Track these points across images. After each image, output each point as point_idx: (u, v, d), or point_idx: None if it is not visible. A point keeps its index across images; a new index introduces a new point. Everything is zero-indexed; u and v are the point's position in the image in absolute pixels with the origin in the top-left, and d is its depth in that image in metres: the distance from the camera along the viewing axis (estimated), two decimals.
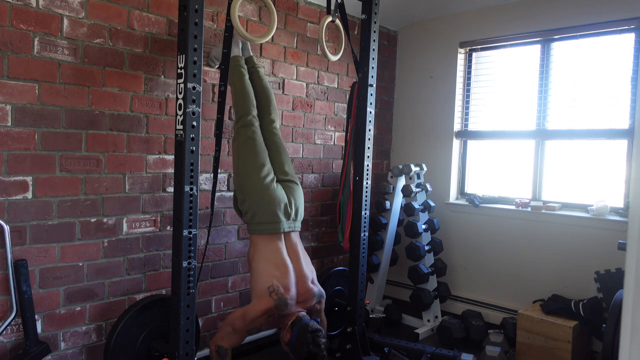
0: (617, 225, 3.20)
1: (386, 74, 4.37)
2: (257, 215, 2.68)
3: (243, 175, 2.71)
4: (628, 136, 3.28)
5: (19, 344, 2.33)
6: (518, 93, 3.82)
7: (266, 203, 2.68)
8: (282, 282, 2.61)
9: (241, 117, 2.80)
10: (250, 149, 2.74)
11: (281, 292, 2.58)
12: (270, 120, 2.94)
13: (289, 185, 2.82)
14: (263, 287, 2.60)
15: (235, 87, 2.83)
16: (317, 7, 3.60)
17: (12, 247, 2.26)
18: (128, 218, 2.69)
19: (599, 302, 3.13)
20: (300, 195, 2.86)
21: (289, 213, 2.75)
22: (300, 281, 2.70)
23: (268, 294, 2.58)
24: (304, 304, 2.71)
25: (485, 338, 3.39)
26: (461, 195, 4.19)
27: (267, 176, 2.72)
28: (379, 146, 4.39)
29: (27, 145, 2.31)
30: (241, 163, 2.73)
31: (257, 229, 2.70)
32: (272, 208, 2.68)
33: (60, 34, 2.38)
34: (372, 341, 3.16)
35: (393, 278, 4.36)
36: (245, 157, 2.73)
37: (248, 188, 2.69)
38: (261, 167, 2.72)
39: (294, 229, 2.79)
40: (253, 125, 2.80)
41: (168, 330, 2.43)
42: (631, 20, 3.21)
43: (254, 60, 3.03)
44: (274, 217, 2.69)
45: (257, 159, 2.73)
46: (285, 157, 2.91)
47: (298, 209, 2.81)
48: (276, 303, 2.56)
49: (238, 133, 2.79)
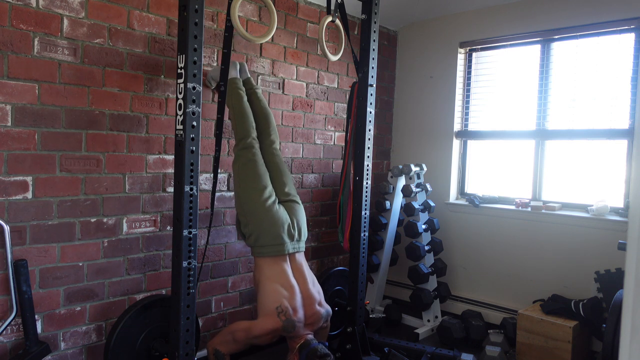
0: (617, 225, 3.20)
1: (386, 74, 4.37)
2: (260, 238, 2.67)
3: (245, 199, 2.71)
4: (628, 136, 3.28)
5: (19, 344, 2.33)
6: (518, 93, 3.82)
7: (269, 225, 2.66)
8: (291, 303, 2.59)
9: (241, 139, 2.80)
10: (251, 171, 2.74)
11: (290, 313, 2.56)
12: (270, 142, 2.95)
13: (290, 205, 2.82)
14: (271, 306, 2.57)
15: (234, 110, 2.83)
16: (317, 7, 3.60)
17: (12, 247, 2.26)
18: (128, 218, 2.69)
19: (599, 302, 3.13)
20: (303, 215, 2.86)
21: (292, 234, 2.75)
22: (307, 303, 2.68)
23: (276, 314, 2.55)
24: (312, 327, 2.70)
25: (485, 338, 3.39)
26: (461, 195, 4.19)
27: (269, 198, 2.71)
28: (379, 146, 4.39)
29: (27, 145, 2.31)
30: (242, 186, 2.72)
31: (262, 252, 2.69)
32: (275, 230, 2.67)
33: (60, 34, 2.38)
34: (372, 341, 3.16)
35: (393, 278, 4.36)
36: (246, 180, 2.72)
37: (250, 211, 2.69)
38: (263, 190, 2.71)
39: (298, 249, 2.78)
40: (253, 147, 2.80)
41: (168, 330, 2.43)
42: (631, 20, 3.21)
43: (251, 81, 3.03)
44: (277, 240, 2.68)
45: (259, 182, 2.72)
46: (286, 177, 2.91)
47: (301, 229, 2.80)
48: (284, 324, 2.54)
49: (238, 156, 2.79)
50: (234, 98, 2.84)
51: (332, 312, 3.43)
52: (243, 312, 3.31)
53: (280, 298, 2.58)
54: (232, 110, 2.84)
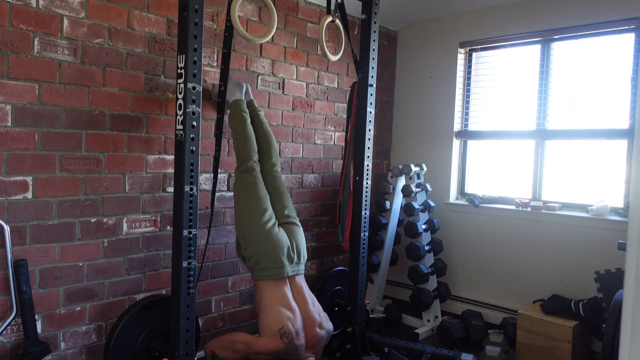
0: (617, 225, 3.20)
1: (386, 74, 4.37)
2: (260, 261, 2.67)
3: (245, 222, 2.71)
4: (628, 136, 3.28)
5: (19, 344, 2.33)
6: (518, 93, 3.82)
7: (269, 249, 2.67)
8: (294, 326, 2.58)
9: (243, 162, 2.81)
10: (252, 194, 2.75)
11: (292, 336, 2.55)
12: (271, 164, 2.96)
13: (290, 227, 2.83)
14: (274, 327, 2.55)
15: (237, 132, 2.84)
16: (317, 7, 3.60)
17: (12, 247, 2.27)
18: (128, 218, 2.69)
19: (599, 302, 3.13)
20: (302, 237, 2.86)
21: (292, 257, 2.75)
22: (308, 326, 2.67)
23: (279, 336, 2.53)
24: (313, 349, 2.69)
25: (485, 338, 3.39)
26: (461, 195, 4.19)
27: (269, 221, 2.72)
28: (379, 146, 4.39)
29: (27, 145, 2.31)
30: (243, 209, 2.73)
31: (262, 275, 2.69)
32: (275, 253, 2.68)
33: (60, 34, 2.38)
34: (372, 341, 3.16)
35: (393, 278, 4.36)
36: (246, 203, 2.73)
37: (250, 234, 2.69)
38: (263, 213, 2.72)
39: (297, 272, 2.78)
40: (254, 170, 2.81)
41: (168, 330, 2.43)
42: (631, 20, 3.21)
43: (254, 104, 3.05)
44: (277, 263, 2.68)
45: (259, 205, 2.73)
46: (286, 199, 2.91)
47: (300, 251, 2.81)
48: (286, 347, 2.53)
49: (239, 179, 2.80)
50: (238, 120, 2.84)
51: (332, 312, 3.44)
52: (243, 312, 3.32)
53: (283, 320, 2.57)
54: (234, 132, 2.85)
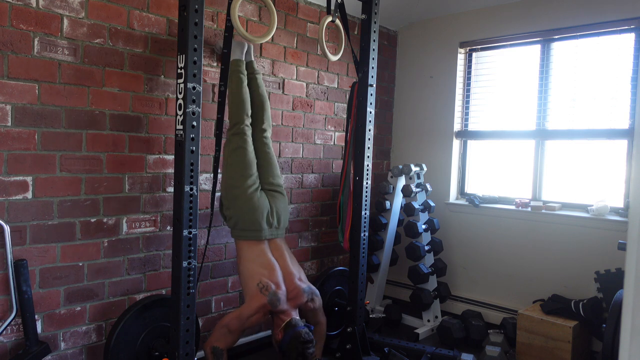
0: (617, 225, 3.20)
1: (386, 74, 4.37)
2: (239, 222, 2.74)
3: (229, 184, 2.78)
4: (628, 136, 3.28)
5: (19, 344, 2.33)
6: (518, 93, 3.82)
7: (249, 211, 2.73)
8: (271, 279, 2.67)
9: (234, 124, 2.84)
10: (240, 157, 2.79)
11: (272, 287, 2.64)
12: (262, 130, 2.97)
13: (273, 194, 2.88)
14: (253, 285, 2.66)
15: (232, 93, 2.85)
16: (317, 7, 3.60)
17: (12, 247, 2.26)
18: (128, 218, 2.69)
19: (599, 302, 3.13)
20: (285, 205, 2.91)
21: (271, 222, 2.81)
22: (287, 279, 2.75)
23: (259, 291, 2.63)
24: (295, 301, 2.74)
25: (485, 338, 3.39)
26: (461, 195, 4.19)
27: (252, 186, 2.78)
28: (379, 146, 4.39)
29: (27, 145, 2.31)
30: (229, 171, 2.78)
31: (241, 235, 2.77)
32: (254, 216, 2.74)
33: (60, 34, 2.38)
34: (372, 341, 3.16)
35: (393, 278, 4.36)
36: (233, 165, 2.78)
37: (233, 196, 2.75)
38: (247, 177, 2.77)
39: (276, 236, 2.85)
40: (245, 134, 2.83)
41: (168, 330, 2.43)
42: (631, 20, 3.21)
43: (254, 65, 3.04)
44: (255, 225, 2.75)
45: (245, 169, 2.78)
46: (273, 167, 2.94)
47: (280, 217, 2.86)
48: (269, 298, 2.61)
49: (229, 140, 2.83)
50: (234, 81, 2.85)
51: (332, 313, 3.44)
52: None
53: (259, 276, 2.67)
54: (230, 92, 2.86)
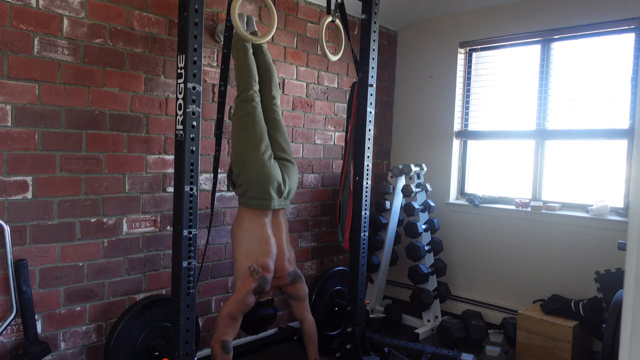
0: (617, 225, 3.20)
1: (386, 74, 4.37)
2: (250, 190, 2.71)
3: (241, 150, 2.73)
4: (628, 136, 3.28)
5: (19, 344, 2.33)
6: (518, 93, 3.82)
7: (261, 179, 2.70)
8: (263, 260, 2.69)
9: (242, 91, 2.80)
10: (250, 124, 2.75)
11: (261, 272, 2.67)
12: (271, 97, 2.94)
13: (285, 163, 2.85)
14: (245, 266, 2.68)
15: (238, 62, 2.84)
16: (317, 7, 3.60)
17: (12, 247, 2.26)
18: (128, 218, 2.69)
19: (599, 302, 3.13)
20: (295, 175, 2.90)
21: (282, 191, 2.79)
22: (279, 257, 2.78)
23: (249, 274, 2.66)
24: (278, 281, 2.80)
25: (485, 338, 3.39)
26: (461, 195, 4.19)
27: (265, 152, 2.74)
28: (379, 146, 4.39)
29: (27, 145, 2.31)
30: (240, 137, 2.74)
31: (248, 203, 2.73)
32: (266, 185, 2.71)
33: (60, 34, 2.38)
34: (372, 341, 3.16)
35: (393, 278, 4.36)
36: (244, 131, 2.74)
37: (245, 162, 2.71)
38: (259, 143, 2.73)
39: (283, 206, 2.84)
40: (254, 100, 2.80)
41: (168, 330, 2.43)
42: (631, 20, 3.21)
43: (258, 35, 3.03)
44: (266, 194, 2.72)
45: (256, 135, 2.74)
46: (283, 134, 2.92)
47: (291, 188, 2.85)
48: (258, 282, 2.66)
49: (238, 107, 2.80)
50: (239, 51, 2.84)
51: (332, 312, 3.44)
52: None
53: (253, 257, 2.68)
54: (236, 61, 2.85)
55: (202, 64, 2.29)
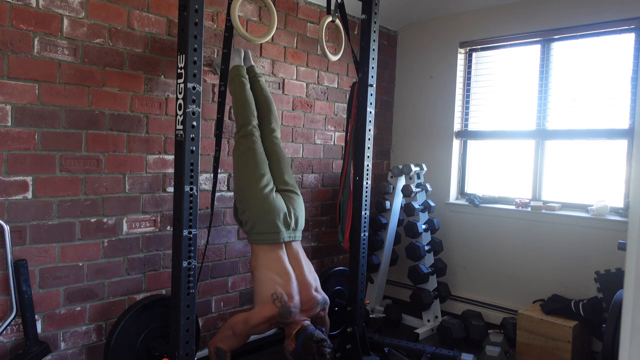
0: (617, 225, 3.20)
1: (386, 74, 4.37)
2: (256, 225, 2.69)
3: (243, 186, 2.73)
4: (628, 136, 3.28)
5: (19, 344, 2.33)
6: (518, 93, 3.82)
7: (265, 213, 2.68)
8: (286, 289, 2.61)
9: (242, 127, 2.82)
10: (250, 159, 2.76)
11: (285, 299, 2.58)
12: (270, 130, 2.95)
13: (288, 195, 2.83)
14: (266, 294, 2.60)
15: (236, 97, 2.85)
16: (317, 7, 3.60)
17: (12, 247, 2.26)
18: (128, 218, 2.69)
19: (599, 302, 3.12)
20: (301, 205, 2.87)
21: (289, 223, 2.76)
22: (303, 289, 2.70)
23: (272, 301, 2.58)
24: (308, 312, 2.71)
25: (485, 338, 3.39)
26: (461, 195, 4.19)
27: (267, 186, 2.73)
28: (379, 146, 4.39)
29: (27, 145, 2.31)
30: (241, 173, 2.74)
31: (257, 239, 2.71)
32: (271, 218, 2.69)
33: (60, 34, 2.38)
34: (372, 341, 3.16)
35: (393, 278, 4.36)
36: (245, 167, 2.74)
37: (248, 198, 2.71)
38: (261, 178, 2.73)
39: (294, 238, 2.80)
40: (253, 135, 2.81)
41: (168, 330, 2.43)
42: (631, 20, 3.21)
43: (255, 69, 3.04)
44: (273, 228, 2.70)
45: (257, 169, 2.74)
46: (285, 166, 2.91)
47: (298, 218, 2.82)
48: (279, 311, 2.56)
49: (238, 143, 2.80)
50: (237, 86, 2.85)
51: (332, 313, 3.44)
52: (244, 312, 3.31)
53: (275, 285, 2.61)
54: (234, 97, 2.86)
55: (202, 64, 2.29)
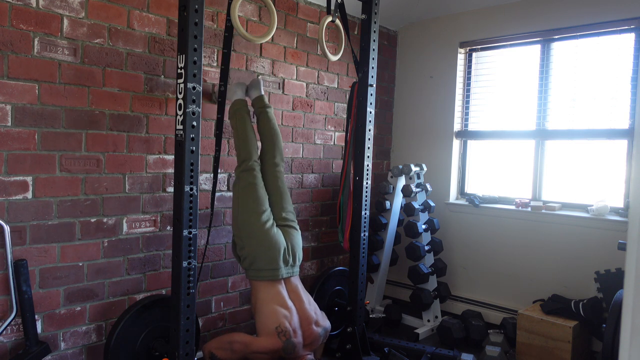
0: (617, 225, 3.20)
1: (386, 74, 4.37)
2: (256, 262, 2.67)
3: (242, 222, 2.70)
4: (628, 136, 3.28)
5: (19, 344, 2.33)
6: (518, 93, 3.82)
7: (265, 250, 2.67)
8: (290, 324, 2.58)
9: (243, 161, 2.79)
10: (251, 194, 2.73)
11: (290, 334, 2.55)
12: (274, 164, 2.92)
13: (288, 230, 2.82)
14: (271, 326, 2.55)
15: (237, 132, 2.82)
16: (317, 7, 3.60)
17: (12, 247, 2.26)
18: (128, 218, 2.69)
19: (599, 302, 3.13)
20: (299, 241, 2.85)
21: (287, 260, 2.74)
22: (304, 324, 2.67)
23: (276, 335, 2.53)
24: (311, 347, 2.69)
25: (485, 338, 3.39)
26: (461, 195, 4.19)
27: (267, 222, 2.72)
28: (379, 146, 4.39)
29: (27, 145, 2.31)
30: (241, 209, 2.72)
31: (257, 276, 2.69)
32: (271, 255, 2.67)
33: (60, 34, 2.38)
34: (372, 341, 3.16)
35: (393, 278, 4.36)
36: (245, 203, 2.72)
37: (247, 235, 2.68)
38: (261, 214, 2.71)
39: (292, 274, 2.78)
40: (254, 170, 2.79)
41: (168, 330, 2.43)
42: (631, 20, 3.21)
43: (264, 100, 2.98)
44: (273, 264, 2.68)
45: (257, 205, 2.72)
46: (286, 202, 2.89)
47: (296, 254, 2.80)
48: (284, 345, 2.52)
49: (239, 178, 2.78)
50: (238, 120, 2.82)
51: (332, 312, 3.44)
52: (243, 312, 3.31)
53: (280, 318, 2.57)
54: (235, 131, 2.84)
55: (202, 64, 2.29)
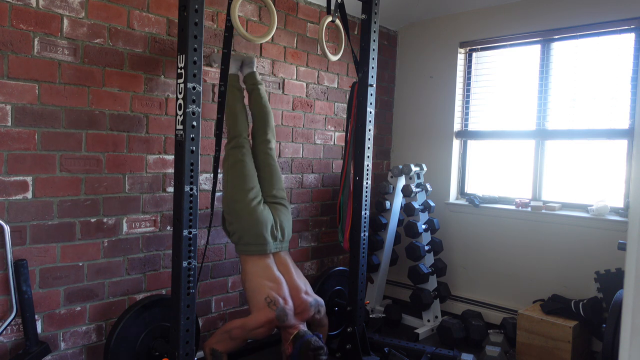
0: (617, 225, 3.20)
1: (386, 74, 4.37)
2: (244, 237, 2.72)
3: (231, 198, 2.75)
4: (628, 136, 3.28)
5: (19, 344, 2.33)
6: (518, 93, 3.82)
7: (252, 225, 2.71)
8: (279, 293, 2.65)
9: (232, 138, 2.82)
10: (239, 171, 2.77)
11: (280, 302, 2.62)
12: (265, 141, 2.95)
13: (276, 207, 2.86)
14: (260, 299, 2.63)
15: (228, 108, 2.84)
16: (317, 7, 3.60)
17: (12, 247, 2.26)
18: (128, 218, 2.69)
19: (599, 302, 3.13)
20: (288, 217, 2.90)
21: (275, 235, 2.79)
22: (294, 293, 2.73)
23: (267, 305, 2.60)
24: (302, 316, 2.73)
25: (485, 338, 3.39)
26: (461, 195, 4.19)
27: (255, 199, 2.76)
28: (379, 146, 4.39)
29: (27, 145, 2.31)
30: (230, 186, 2.76)
31: (245, 250, 2.75)
32: (258, 230, 2.72)
33: (60, 34, 2.38)
34: (372, 341, 3.16)
35: (393, 278, 4.36)
36: (233, 180, 2.76)
37: (235, 211, 2.73)
38: (249, 191, 2.75)
39: (281, 249, 2.83)
40: (244, 147, 2.82)
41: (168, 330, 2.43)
42: (631, 20, 3.21)
43: (255, 77, 3.00)
44: (260, 239, 2.73)
45: (246, 182, 2.76)
46: (277, 179, 2.92)
47: (284, 229, 2.84)
48: (277, 313, 2.59)
49: (228, 154, 2.81)
50: (229, 96, 2.84)
51: (332, 313, 3.44)
52: (243, 312, 3.31)
53: (267, 290, 2.64)
54: (226, 107, 2.85)
55: (202, 63, 2.29)
